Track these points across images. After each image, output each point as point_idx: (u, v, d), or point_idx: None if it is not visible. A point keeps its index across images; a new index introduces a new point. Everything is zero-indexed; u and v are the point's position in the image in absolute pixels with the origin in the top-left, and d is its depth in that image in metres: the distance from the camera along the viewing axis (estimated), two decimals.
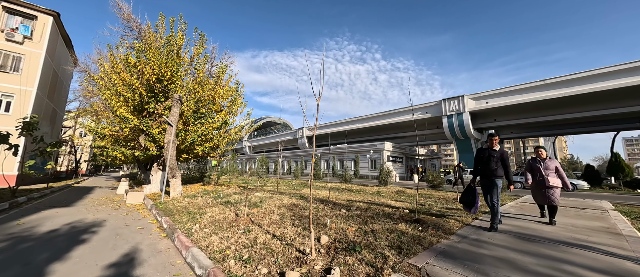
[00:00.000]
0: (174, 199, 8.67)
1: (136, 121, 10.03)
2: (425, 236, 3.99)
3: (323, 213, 5.66)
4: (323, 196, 9.08)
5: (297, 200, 7.71)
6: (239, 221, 5.02)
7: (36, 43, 17.39)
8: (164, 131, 10.89)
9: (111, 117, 11.09)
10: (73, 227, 5.40)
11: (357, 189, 12.33)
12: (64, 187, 15.90)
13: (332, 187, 13.38)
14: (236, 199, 8.22)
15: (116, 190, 13.40)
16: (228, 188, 11.98)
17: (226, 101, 13.33)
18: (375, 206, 6.84)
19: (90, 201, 9.61)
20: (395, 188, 12.65)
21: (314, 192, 10.22)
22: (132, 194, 9.00)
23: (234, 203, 7.25)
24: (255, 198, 8.16)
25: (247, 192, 9.91)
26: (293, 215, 5.49)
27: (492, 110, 22.90)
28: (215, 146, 13.08)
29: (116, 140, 11.47)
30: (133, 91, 10.20)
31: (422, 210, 6.02)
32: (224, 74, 12.56)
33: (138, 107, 10.85)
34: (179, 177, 9.39)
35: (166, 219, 5.56)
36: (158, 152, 11.23)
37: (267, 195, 8.95)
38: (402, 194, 9.91)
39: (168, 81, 10.81)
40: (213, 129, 12.64)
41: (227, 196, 8.89)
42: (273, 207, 6.47)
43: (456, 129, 24.34)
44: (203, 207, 6.86)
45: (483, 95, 22.89)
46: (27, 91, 16.65)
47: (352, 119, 37.35)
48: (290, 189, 11.67)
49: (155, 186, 11.57)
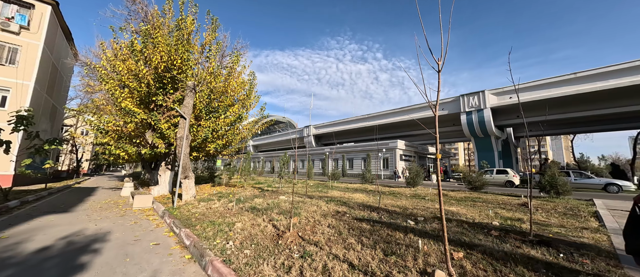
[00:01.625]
0: (187, 204, 7.52)
1: (143, 114, 8.88)
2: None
3: (387, 226, 4.47)
4: (360, 199, 7.91)
5: (338, 206, 6.53)
6: (283, 237, 3.85)
7: (34, 34, 16.28)
8: (174, 126, 9.75)
9: (114, 112, 9.95)
10: (70, 244, 4.24)
11: (388, 191, 11.12)
12: (63, 188, 14.80)
13: (356, 188, 12.21)
14: (260, 203, 7.06)
15: (120, 191, 12.28)
16: (244, 190, 10.82)
17: (239, 94, 12.16)
18: (438, 214, 5.63)
19: (92, 205, 8.47)
20: (431, 190, 11.38)
21: (346, 195, 9.03)
22: (140, 197, 7.86)
23: (263, 210, 6.07)
24: (284, 203, 6.98)
25: (270, 196, 8.77)
26: (350, 228, 4.30)
27: (516, 106, 21.62)
28: (227, 143, 11.93)
29: (120, 136, 10.33)
30: (139, 81, 9.05)
31: (508, 225, 4.71)
32: (238, 63, 11.37)
33: (144, 99, 9.70)
34: (193, 178, 8.24)
35: (186, 232, 4.39)
36: (166, 150, 10.08)
37: (296, 199, 7.78)
38: (450, 199, 8.71)
39: (178, 70, 9.66)
40: (226, 125, 11.50)
41: (248, 200, 7.74)
42: (315, 216, 5.29)
43: (476, 126, 23.08)
44: (226, 215, 5.70)
45: (506, 90, 21.62)
46: (24, 85, 15.54)
47: (361, 117, 36.10)
48: (314, 191, 10.50)
49: (164, 188, 10.43)
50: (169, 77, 9.82)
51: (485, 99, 22.47)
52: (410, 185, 12.30)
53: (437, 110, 2.76)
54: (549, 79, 19.79)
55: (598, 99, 19.06)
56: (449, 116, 25.86)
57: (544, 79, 19.92)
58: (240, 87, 11.91)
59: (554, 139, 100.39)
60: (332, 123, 41.60)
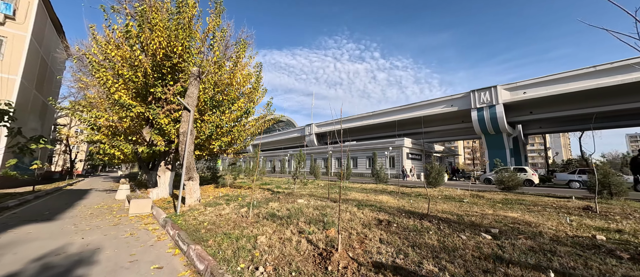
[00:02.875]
0: (192, 209, 6.52)
1: (140, 108, 7.84)
2: None
3: (458, 242, 3.51)
4: (391, 202, 6.95)
5: (374, 212, 5.52)
6: (331, 259, 2.87)
7: (20, 24, 15.09)
8: (174, 122, 8.72)
9: (108, 106, 8.88)
10: (45, 269, 3.24)
11: (411, 191, 10.12)
12: (53, 190, 13.67)
13: (374, 189, 11.26)
14: (278, 209, 6.07)
15: (115, 194, 11.21)
16: (252, 192, 9.82)
17: (245, 87, 11.15)
18: (509, 224, 4.47)
19: (82, 211, 7.43)
20: (460, 191, 10.37)
21: (371, 197, 8.05)
22: (137, 201, 6.84)
23: (285, 218, 5.09)
24: (306, 208, 6.00)
25: (285, 199, 7.77)
26: (412, 245, 3.34)
27: (530, 101, 20.82)
28: (233, 141, 10.90)
29: (114, 133, 9.27)
30: (135, 69, 8.00)
31: (618, 240, 3.71)
32: (244, 53, 10.33)
33: (141, 91, 8.65)
34: (197, 179, 7.24)
35: (198, 251, 3.40)
36: (166, 148, 9.05)
37: (319, 203, 6.79)
38: (494, 202, 7.77)
39: (178, 58, 8.64)
40: (232, 120, 10.48)
41: (262, 204, 6.74)
42: (355, 226, 4.32)
43: (487, 123, 22.25)
44: (243, 225, 4.71)
45: (520, 85, 20.79)
46: (10, 79, 14.37)
47: (366, 115, 35.17)
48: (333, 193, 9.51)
49: (164, 190, 9.40)
50: (169, 66, 8.78)
51: (497, 94, 21.63)
52: (432, 185, 11.38)
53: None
54: (564, 73, 19.00)
55: (616, 94, 18.31)
56: (458, 113, 25.02)
57: (559, 73, 19.13)
58: (246, 80, 10.90)
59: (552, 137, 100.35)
60: (335, 121, 40.61)
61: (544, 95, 19.69)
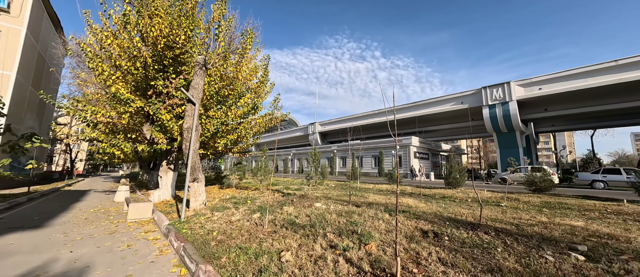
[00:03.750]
0: (198, 214, 5.81)
1: (139, 102, 7.15)
2: None
3: (547, 266, 2.77)
4: (422, 207, 6.21)
5: (411, 220, 4.77)
6: None
7: (15, 18, 14.45)
8: (177, 118, 8.01)
9: (106, 100, 8.19)
10: None
11: (432, 193, 9.36)
12: (50, 191, 13.02)
13: (393, 190, 10.53)
14: (296, 215, 5.35)
15: (114, 195, 10.53)
16: (261, 194, 9.12)
17: (252, 82, 10.42)
18: (590, 238, 3.68)
19: (76, 216, 6.74)
20: (487, 193, 9.52)
21: (393, 200, 7.31)
22: (136, 205, 6.14)
23: (307, 227, 4.36)
24: (328, 214, 5.27)
25: (300, 202, 7.05)
26: (485, 267, 2.60)
27: (545, 98, 19.98)
28: (239, 139, 10.18)
29: (112, 130, 8.58)
30: (134, 60, 7.29)
31: None
32: (251, 44, 9.59)
33: (141, 84, 7.96)
34: (203, 180, 6.53)
35: (209, 273, 2.69)
36: (168, 147, 8.35)
37: (340, 208, 6.06)
38: (526, 204, 7.02)
39: (181, 49, 7.93)
40: (238, 117, 9.77)
41: (276, 209, 6.03)
42: (399, 239, 3.57)
43: (500, 120, 21.44)
44: (259, 235, 4.00)
45: (535, 80, 19.95)
46: (4, 75, 13.73)
47: (371, 113, 34.39)
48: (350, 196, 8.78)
49: (166, 192, 8.71)
50: (170, 57, 8.07)
51: (510, 90, 20.80)
52: (452, 186, 10.63)
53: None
54: (583, 68, 18.16)
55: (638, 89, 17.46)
56: (468, 110, 24.21)
57: (578, 68, 18.28)
58: (252, 73, 10.18)
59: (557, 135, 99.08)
60: (339, 120, 39.90)
61: (561, 91, 18.85)
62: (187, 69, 8.24)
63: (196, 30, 8.02)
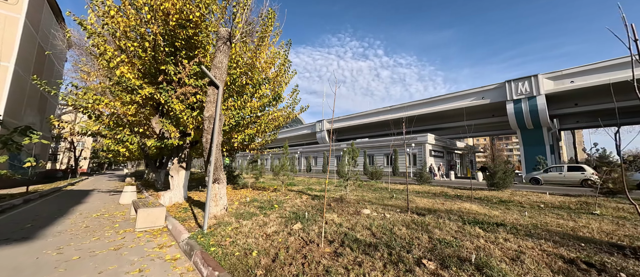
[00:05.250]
0: (221, 223, 4.73)
1: (150, 89, 6.08)
2: None
3: None
4: (496, 215, 5.05)
5: (545, 244, 3.58)
6: None
7: (12, 5, 13.47)
8: (190, 109, 6.93)
9: (109, 85, 7.12)
10: None
11: (488, 196, 8.12)
12: (50, 191, 12.08)
13: (433, 192, 9.37)
14: (348, 226, 4.24)
15: (119, 197, 9.51)
16: (284, 195, 8.02)
17: (271, 71, 9.29)
18: None
19: (76, 222, 5.71)
20: (548, 196, 8.17)
21: (452, 206, 6.13)
22: (146, 211, 5.07)
23: (381, 246, 3.23)
24: (397, 228, 4.13)
25: (339, 207, 5.95)
26: None
27: (577, 92, 18.60)
28: (257, 134, 9.09)
29: (117, 123, 7.53)
30: (141, 40, 6.21)
31: None
32: (272, 26, 8.46)
33: (149, 69, 6.88)
34: (224, 181, 5.44)
35: None
36: (180, 142, 7.28)
37: (401, 217, 4.92)
38: (619, 210, 5.87)
39: (194, 28, 6.85)
40: (257, 109, 8.67)
41: (317, 218, 4.93)
42: (542, 274, 2.43)
43: (526, 116, 20.11)
44: (321, 261, 2.90)
45: (566, 73, 18.56)
46: (2, 66, 12.78)
47: (382, 109, 33.15)
48: (390, 200, 7.65)
49: (178, 193, 7.66)
50: (182, 38, 6.99)
51: (538, 84, 19.44)
52: (497, 187, 9.39)
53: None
54: (620, 58, 16.73)
55: None
56: (490, 106, 22.88)
57: (616, 59, 16.85)
58: (273, 60, 9.06)
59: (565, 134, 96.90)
60: (348, 117, 38.72)
61: (596, 83, 17.46)
62: (203, 52, 7.15)
63: (212, 6, 6.91)
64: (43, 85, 6.44)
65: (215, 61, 4.76)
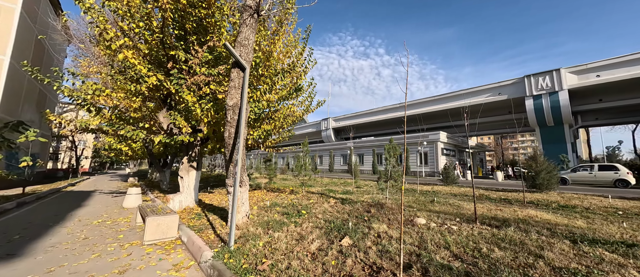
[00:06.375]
0: (246, 235, 3.90)
1: (160, 75, 5.23)
2: None
3: None
4: (579, 227, 4.17)
5: None
6: None
7: None
8: (204, 99, 6.06)
9: (112, 73, 6.26)
10: None
11: (534, 200, 7.17)
12: (49, 192, 11.29)
13: (468, 195, 8.48)
14: (412, 243, 3.38)
15: (123, 199, 8.69)
16: (306, 198, 7.16)
17: (288, 60, 8.40)
18: None
19: (73, 232, 4.89)
20: (612, 200, 7.15)
21: (514, 212, 5.23)
22: (156, 220, 4.23)
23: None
24: (481, 245, 3.26)
25: (380, 213, 5.09)
26: None
27: (602, 86, 17.63)
28: (276, 129, 8.22)
29: (120, 117, 6.69)
30: (148, 19, 5.35)
31: None
32: (292, 9, 7.56)
33: (156, 54, 6.03)
34: (247, 183, 4.59)
35: None
36: (191, 138, 6.42)
37: (471, 229, 4.05)
38: None
39: (206, 8, 5.99)
40: (275, 102, 7.82)
41: (363, 229, 4.07)
42: None
43: (547, 112, 19.15)
44: None
45: (591, 67, 17.58)
46: None
47: (390, 107, 32.23)
48: (438, 203, 6.75)
49: (189, 196, 6.82)
50: (194, 19, 6.13)
51: (560, 79, 18.46)
52: (539, 189, 8.29)
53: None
54: None
55: None
56: (506, 102, 21.93)
57: None
58: (290, 50, 8.18)
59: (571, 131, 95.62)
60: (355, 115, 37.85)
61: (624, 77, 16.47)
62: (217, 35, 6.28)
63: None
64: (35, 73, 5.61)
65: (240, 37, 3.90)
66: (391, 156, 6.35)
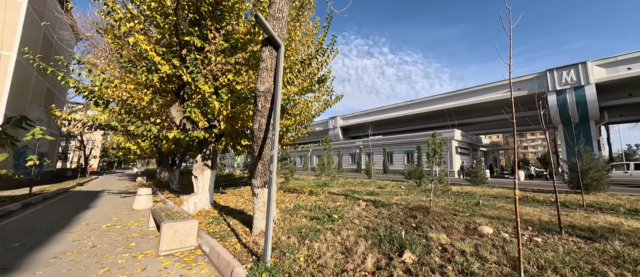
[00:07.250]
0: (279, 246, 3.27)
1: (175, 61, 4.65)
2: None
3: None
4: None
5: None
6: None
7: None
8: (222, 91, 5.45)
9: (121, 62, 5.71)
10: None
11: (600, 202, 6.27)
12: (56, 193, 10.90)
13: (507, 195, 7.74)
14: (498, 262, 2.70)
15: (133, 201, 8.19)
16: (332, 200, 6.51)
17: (309, 50, 7.74)
18: None
19: (80, 239, 4.34)
20: None
21: (600, 221, 4.50)
22: (172, 227, 3.64)
23: None
24: (605, 270, 2.55)
25: (429, 219, 4.43)
26: None
27: (631, 80, 16.52)
28: (294, 125, 7.59)
29: (129, 111, 6.14)
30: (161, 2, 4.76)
31: None
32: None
33: (169, 41, 5.46)
34: (275, 184, 3.97)
35: None
36: (206, 134, 5.82)
37: (556, 241, 3.37)
38: None
39: None
40: (296, 94, 7.19)
41: (421, 241, 3.41)
42: None
43: (571, 108, 18.10)
44: None
45: (621, 59, 16.50)
46: (3, 56, 11.63)
47: (403, 104, 31.29)
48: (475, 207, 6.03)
49: (204, 197, 6.25)
50: (210, 3, 5.53)
51: (587, 72, 17.40)
52: (587, 189, 7.40)
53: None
54: None
55: None
56: (525, 98, 20.88)
57: None
58: (309, 39, 7.53)
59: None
60: (363, 113, 37.07)
61: None
62: (235, 18, 5.68)
63: None
64: (37, 61, 5.09)
65: (272, 10, 3.26)
66: (435, 154, 5.65)
